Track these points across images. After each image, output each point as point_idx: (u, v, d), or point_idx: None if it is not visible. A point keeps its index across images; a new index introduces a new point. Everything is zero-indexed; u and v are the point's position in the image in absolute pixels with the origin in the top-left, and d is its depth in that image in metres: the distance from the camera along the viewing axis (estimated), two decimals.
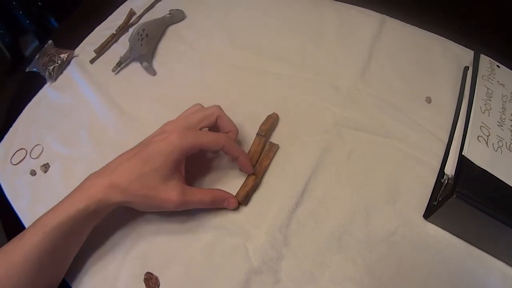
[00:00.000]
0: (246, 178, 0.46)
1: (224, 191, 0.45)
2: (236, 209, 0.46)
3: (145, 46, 0.58)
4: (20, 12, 0.91)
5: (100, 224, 0.44)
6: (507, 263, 0.41)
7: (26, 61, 0.69)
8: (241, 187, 0.46)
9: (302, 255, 0.42)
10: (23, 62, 0.68)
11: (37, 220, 0.38)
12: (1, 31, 0.94)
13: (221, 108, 0.46)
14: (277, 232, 0.43)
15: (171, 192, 0.40)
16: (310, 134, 0.51)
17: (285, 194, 0.46)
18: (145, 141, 0.43)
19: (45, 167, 0.55)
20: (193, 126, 0.43)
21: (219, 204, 0.44)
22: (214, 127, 0.46)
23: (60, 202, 0.39)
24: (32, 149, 0.57)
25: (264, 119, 0.51)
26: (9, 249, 0.37)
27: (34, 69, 0.65)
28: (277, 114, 0.52)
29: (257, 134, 0.49)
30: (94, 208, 0.38)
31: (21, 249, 0.37)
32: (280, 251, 0.42)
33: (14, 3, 0.89)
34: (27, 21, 0.92)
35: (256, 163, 0.48)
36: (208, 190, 0.45)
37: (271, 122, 0.50)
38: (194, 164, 0.47)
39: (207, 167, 0.50)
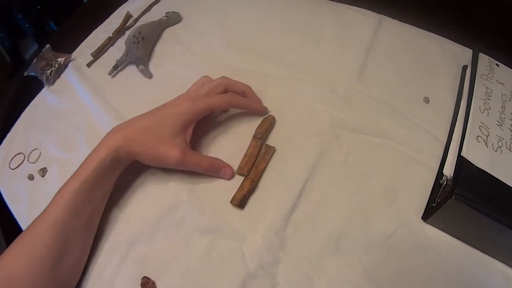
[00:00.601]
0: (243, 182, 0.45)
1: (222, 161, 0.47)
2: (232, 212, 0.45)
3: (141, 49, 0.58)
4: (20, 16, 0.90)
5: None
6: (508, 265, 0.40)
7: (26, 64, 0.68)
8: (237, 190, 0.45)
9: (299, 258, 0.41)
10: (23, 66, 0.67)
11: (61, 188, 0.40)
12: (1, 35, 0.93)
13: (227, 77, 0.49)
14: (274, 235, 0.42)
15: (174, 149, 0.42)
16: (307, 136, 0.50)
17: (281, 197, 0.45)
18: (160, 106, 0.46)
19: (43, 172, 0.54)
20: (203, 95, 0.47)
21: (215, 172, 0.46)
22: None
23: (81, 164, 0.42)
24: (30, 153, 0.57)
25: (260, 121, 0.50)
26: (36, 221, 0.39)
27: (32, 73, 0.65)
28: (273, 116, 0.51)
29: (253, 136, 0.48)
30: (112, 157, 0.41)
31: (47, 217, 0.39)
32: (276, 255, 0.41)
33: (14, 7, 0.89)
34: (27, 25, 0.91)
35: (253, 166, 0.47)
36: (207, 156, 0.48)
37: (268, 125, 0.49)
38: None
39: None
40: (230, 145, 0.50)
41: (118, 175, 0.45)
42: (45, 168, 0.54)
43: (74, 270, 0.42)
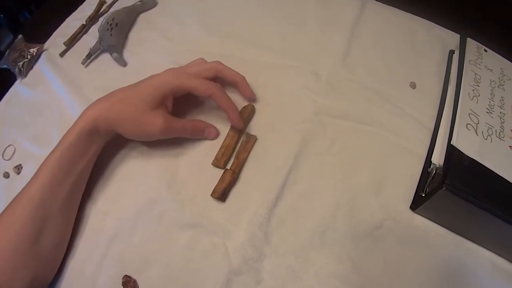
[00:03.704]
0: (223, 173, 0.42)
1: (205, 122, 0.46)
2: (213, 206, 0.42)
3: (115, 36, 0.52)
4: None
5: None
6: (496, 253, 0.38)
7: (2, 56, 0.62)
8: (218, 182, 0.41)
9: (284, 253, 0.39)
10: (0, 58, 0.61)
11: (43, 161, 0.38)
12: None
13: (221, 63, 0.46)
14: (257, 229, 0.40)
15: (157, 118, 0.40)
16: (290, 123, 0.46)
17: (264, 188, 0.42)
18: (143, 79, 0.43)
19: (18, 169, 0.50)
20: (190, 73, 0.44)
21: (199, 133, 0.45)
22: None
23: (62, 137, 0.39)
24: (5, 150, 0.52)
25: (241, 108, 0.46)
26: (15, 198, 0.37)
27: (5, 66, 0.59)
28: (253, 106, 0.47)
29: (231, 126, 0.45)
30: (89, 128, 0.39)
31: (25, 193, 0.37)
32: (260, 250, 0.39)
33: None
34: (1, 15, 0.85)
35: (230, 158, 0.43)
36: (190, 120, 0.46)
37: (247, 114, 0.46)
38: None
39: None
40: None
41: (98, 151, 0.42)
42: (20, 165, 0.50)
43: (55, 249, 0.39)
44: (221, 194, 0.41)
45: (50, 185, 0.37)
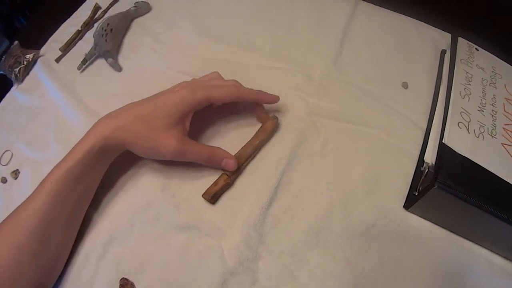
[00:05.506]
0: (219, 177, 0.41)
1: (225, 151, 0.42)
2: (207, 208, 0.41)
3: (110, 42, 0.52)
4: None
5: None
6: (491, 251, 0.38)
7: None
8: (210, 185, 0.41)
9: (279, 252, 0.39)
10: None
11: (47, 175, 0.37)
12: None
13: (238, 82, 0.43)
14: (252, 230, 0.39)
15: (172, 139, 0.38)
16: (283, 124, 0.46)
17: (258, 189, 0.42)
18: (157, 93, 0.41)
19: (15, 174, 0.49)
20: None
21: (216, 163, 0.41)
22: None
23: (68, 152, 0.37)
24: (2, 155, 0.52)
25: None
26: (18, 209, 0.36)
27: (1, 72, 0.59)
28: (275, 119, 0.45)
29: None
30: (100, 147, 0.37)
31: (28, 206, 0.36)
32: (255, 250, 0.38)
33: None
34: None
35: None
36: (208, 146, 0.42)
37: (270, 130, 0.44)
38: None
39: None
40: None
41: (106, 167, 0.40)
42: (17, 170, 0.50)
43: (57, 259, 0.38)
44: (212, 196, 0.40)
45: (55, 201, 0.36)
